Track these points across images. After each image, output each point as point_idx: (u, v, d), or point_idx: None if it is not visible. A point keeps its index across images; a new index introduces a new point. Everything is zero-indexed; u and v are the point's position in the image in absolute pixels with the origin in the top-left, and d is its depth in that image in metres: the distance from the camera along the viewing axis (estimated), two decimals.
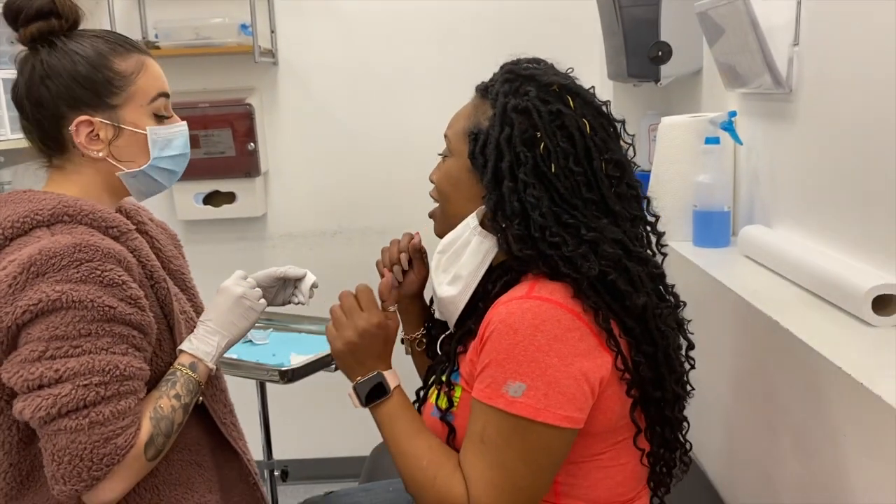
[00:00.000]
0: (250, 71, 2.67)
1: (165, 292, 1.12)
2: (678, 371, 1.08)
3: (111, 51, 1.11)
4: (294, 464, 2.34)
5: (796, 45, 1.42)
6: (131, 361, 1.03)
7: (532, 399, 0.95)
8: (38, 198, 1.07)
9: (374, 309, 1.11)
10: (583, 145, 1.03)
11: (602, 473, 1.05)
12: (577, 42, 2.58)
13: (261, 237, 2.84)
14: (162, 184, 1.17)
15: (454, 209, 1.11)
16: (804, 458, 1.18)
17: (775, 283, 1.40)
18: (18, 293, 0.98)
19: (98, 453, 0.98)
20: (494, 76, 1.13)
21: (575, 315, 0.98)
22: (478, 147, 1.06)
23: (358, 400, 1.10)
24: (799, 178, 1.46)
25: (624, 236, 1.04)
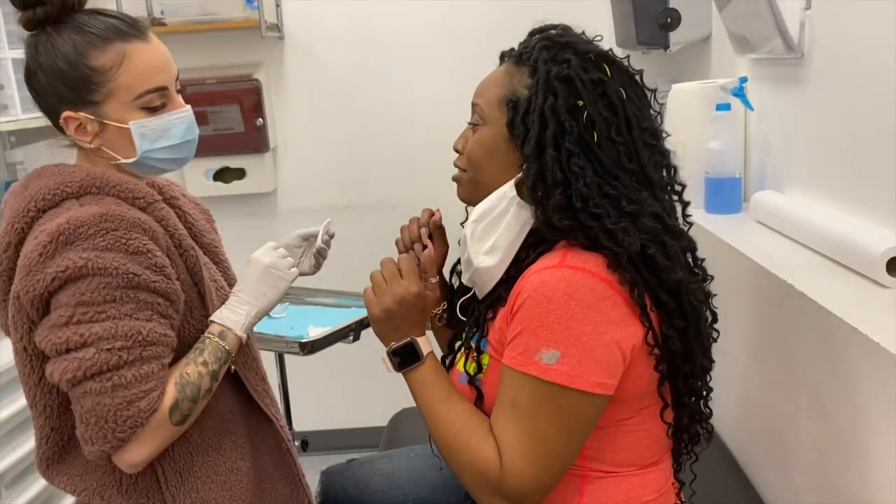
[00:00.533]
0: (256, 46, 2.67)
1: (195, 260, 1.14)
2: (705, 344, 1.10)
3: (88, 45, 1.07)
4: (313, 435, 2.38)
5: (808, 8, 1.42)
6: (154, 327, 1.05)
7: (566, 366, 0.97)
8: (67, 171, 1.09)
9: (414, 278, 1.13)
10: (623, 115, 1.03)
11: (628, 438, 1.07)
12: (585, 9, 2.54)
13: (271, 213, 2.85)
14: (165, 169, 1.17)
15: (487, 178, 1.10)
16: (820, 419, 1.20)
17: (788, 248, 1.42)
18: (48, 261, 1.01)
19: (122, 415, 1.01)
20: (526, 43, 1.11)
21: (607, 283, 0.99)
22: (518, 116, 1.05)
23: (392, 364, 1.12)
24: (811, 143, 1.47)
25: (661, 209, 1.05)
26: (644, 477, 1.09)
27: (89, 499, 1.13)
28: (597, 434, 1.04)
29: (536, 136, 1.03)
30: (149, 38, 1.11)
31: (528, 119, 1.04)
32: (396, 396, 2.28)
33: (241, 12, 2.55)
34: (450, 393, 1.09)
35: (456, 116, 2.68)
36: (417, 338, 1.12)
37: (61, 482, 1.15)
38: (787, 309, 1.28)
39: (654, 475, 1.11)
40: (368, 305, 1.13)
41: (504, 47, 1.18)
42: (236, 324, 1.15)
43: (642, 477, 1.09)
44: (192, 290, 1.15)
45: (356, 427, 2.93)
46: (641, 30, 2.02)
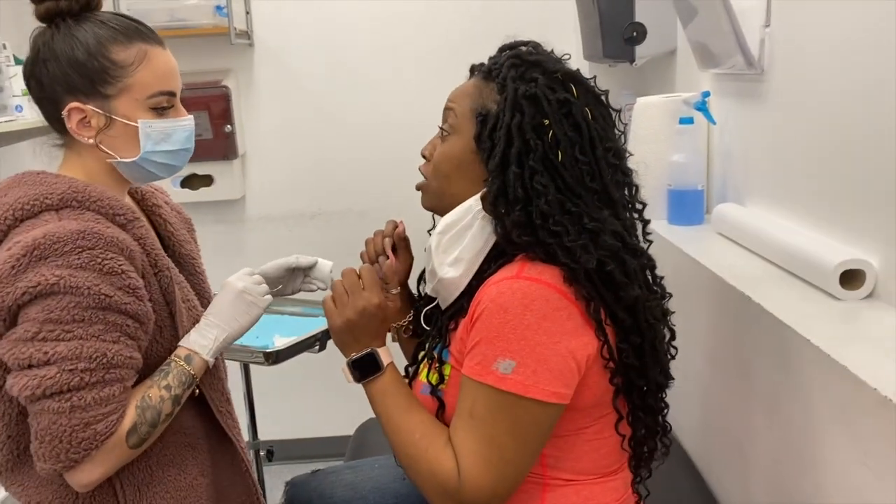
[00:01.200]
0: (226, 53, 2.66)
1: (168, 281, 1.13)
2: (662, 361, 1.12)
3: (112, 39, 1.08)
4: (278, 444, 2.37)
5: (768, 26, 1.45)
6: (121, 350, 1.04)
7: (521, 376, 0.98)
8: (49, 181, 1.08)
9: (376, 289, 1.13)
10: (588, 134, 1.05)
11: (588, 446, 1.09)
12: (553, 23, 2.59)
13: (239, 220, 2.84)
14: (157, 174, 1.16)
15: (453, 189, 1.12)
16: (775, 428, 1.23)
17: (748, 260, 1.45)
18: (20, 274, 0.99)
19: (77, 437, 1.00)
20: (496, 58, 1.13)
21: (562, 294, 1.00)
22: (486, 131, 1.07)
23: (352, 375, 1.13)
24: (770, 156, 1.50)
25: (622, 228, 1.07)
26: (604, 485, 1.11)
27: None
28: (556, 442, 1.06)
29: (501, 152, 1.04)
30: (165, 47, 1.13)
31: (494, 135, 1.06)
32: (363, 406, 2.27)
33: (211, 19, 2.53)
34: (409, 403, 1.10)
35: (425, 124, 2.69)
36: (378, 349, 1.12)
37: (15, 491, 1.13)
38: (744, 320, 1.30)
39: (614, 484, 1.12)
40: (329, 316, 1.13)
41: (474, 57, 1.19)
42: (203, 348, 1.14)
43: (602, 485, 1.11)
44: (164, 310, 1.14)
45: (322, 436, 2.92)
46: (608, 43, 2.05)
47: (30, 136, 2.34)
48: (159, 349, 1.14)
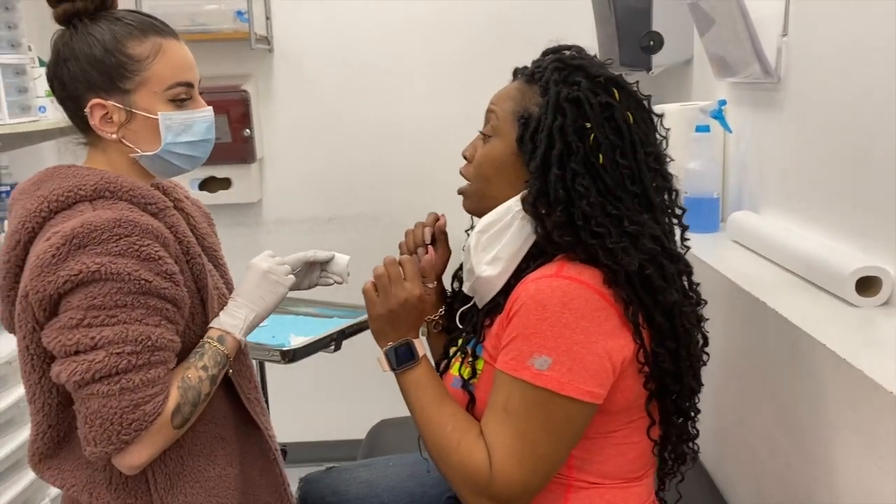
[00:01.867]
0: (246, 58, 2.68)
1: (200, 268, 1.15)
2: (695, 367, 1.12)
3: (127, 34, 1.11)
4: (291, 445, 2.37)
5: (785, 35, 1.46)
6: (163, 333, 1.06)
7: (557, 373, 0.99)
8: (81, 173, 1.10)
9: (417, 281, 1.15)
10: (629, 138, 1.06)
11: (614, 450, 1.09)
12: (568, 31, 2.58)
13: (256, 223, 2.86)
14: (181, 167, 1.18)
15: (494, 191, 1.13)
16: (790, 434, 1.23)
17: (763, 267, 1.45)
18: (61, 263, 1.01)
19: (127, 418, 1.02)
20: (539, 62, 1.14)
21: (601, 296, 1.01)
22: (528, 133, 1.08)
23: (388, 364, 1.14)
24: (786, 165, 1.51)
25: (661, 232, 1.07)
26: (627, 491, 1.11)
27: (78, 494, 1.13)
28: (584, 444, 1.06)
29: (543, 154, 1.05)
30: (180, 39, 1.15)
31: (536, 137, 1.07)
32: (375, 408, 2.30)
33: (231, 24, 2.57)
34: (442, 395, 1.11)
35: (440, 129, 2.75)
36: (413, 339, 1.14)
37: (51, 476, 1.15)
38: (760, 326, 1.31)
39: (637, 490, 1.12)
40: (369, 304, 1.15)
41: (489, 63, 1.21)
42: (234, 328, 1.16)
43: (626, 490, 1.11)
44: (196, 297, 1.16)
45: (333, 439, 2.92)
46: (625, 51, 2.06)
47: (52, 137, 2.38)
48: (191, 335, 1.16)
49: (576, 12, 2.58)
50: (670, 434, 1.13)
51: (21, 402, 1.92)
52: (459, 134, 1.20)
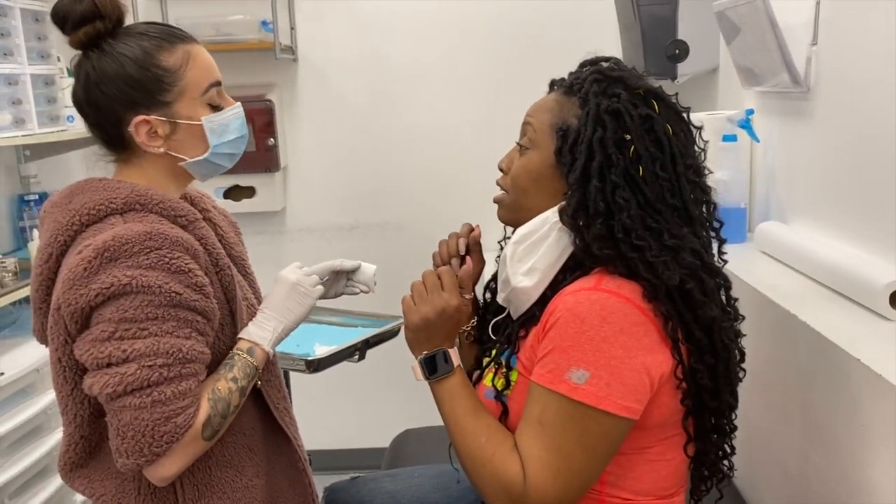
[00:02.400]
0: (270, 67, 2.70)
1: (230, 279, 1.16)
2: (733, 383, 1.11)
3: (157, 48, 1.11)
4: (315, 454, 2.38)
5: (814, 44, 1.45)
6: (194, 345, 1.07)
7: (594, 387, 0.98)
8: (112, 186, 1.11)
9: (455, 291, 1.14)
10: (669, 150, 1.06)
11: (648, 467, 1.08)
12: (593, 40, 2.59)
13: (280, 231, 2.88)
14: (223, 166, 1.20)
15: (530, 203, 1.13)
16: (822, 450, 1.21)
17: (792, 278, 1.43)
18: (93, 276, 1.02)
19: (159, 430, 1.03)
20: (578, 73, 1.13)
21: (640, 310, 1.01)
22: (567, 145, 1.08)
23: (423, 373, 1.14)
24: (816, 175, 1.49)
25: (700, 246, 1.07)
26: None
27: (106, 503, 1.14)
28: (618, 460, 1.05)
29: (582, 165, 1.05)
30: (199, 42, 1.17)
31: (575, 149, 1.06)
32: (399, 418, 2.30)
33: (257, 34, 2.59)
34: (476, 406, 1.10)
35: (462, 140, 2.75)
36: (448, 349, 1.14)
37: (81, 485, 1.16)
38: (790, 339, 1.29)
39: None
40: (407, 312, 1.15)
41: (512, 75, 1.21)
42: (263, 339, 1.16)
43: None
44: (225, 308, 1.16)
45: (356, 448, 2.93)
46: (650, 60, 2.05)
47: (80, 147, 2.41)
48: (221, 346, 1.16)
49: (600, 20, 2.57)
50: (707, 451, 1.11)
51: (48, 410, 1.94)
52: (484, 142, 1.21)
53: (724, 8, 1.63)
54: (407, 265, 1.18)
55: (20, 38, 2.03)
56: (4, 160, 2.34)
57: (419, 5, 2.72)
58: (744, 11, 1.54)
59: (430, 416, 1.36)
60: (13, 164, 2.37)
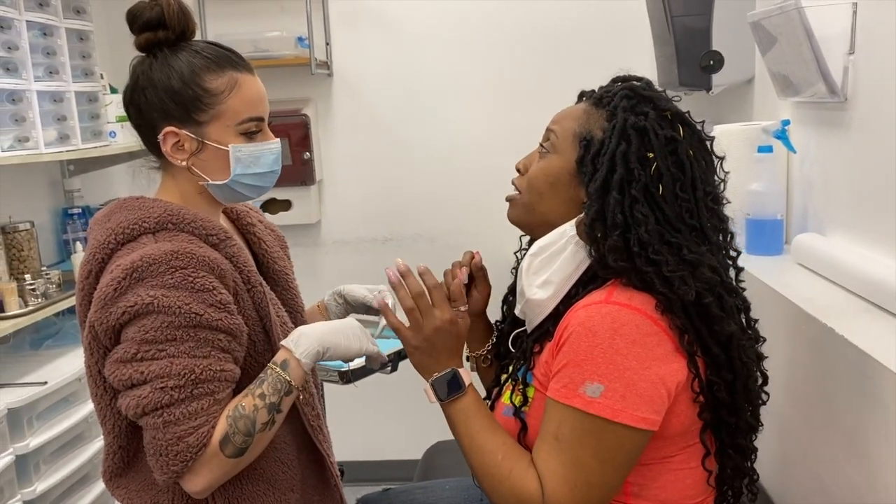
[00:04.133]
0: (306, 82, 2.75)
1: (262, 296, 1.18)
2: (754, 403, 1.11)
3: (205, 68, 1.13)
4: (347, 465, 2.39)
5: (851, 53, 1.43)
6: (210, 364, 1.08)
7: (610, 400, 0.98)
8: (146, 205, 1.14)
9: (445, 306, 1.15)
10: (690, 174, 1.07)
11: (672, 476, 1.08)
12: (626, 52, 2.60)
13: (315, 243, 2.91)
14: (247, 195, 1.21)
15: (543, 207, 1.14)
16: (860, 466, 1.18)
17: (830, 291, 1.41)
18: (121, 296, 1.06)
19: (172, 450, 1.05)
20: (609, 88, 1.15)
21: (652, 321, 1.01)
22: (589, 155, 1.09)
23: (435, 395, 1.14)
24: (854, 186, 1.47)
25: (718, 265, 1.07)
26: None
27: None
28: (641, 470, 1.05)
29: (603, 177, 1.06)
30: (254, 74, 1.18)
31: (597, 160, 1.08)
32: (431, 429, 2.29)
33: (293, 50, 2.63)
34: (491, 424, 1.10)
35: (495, 153, 2.76)
36: (458, 369, 1.13)
37: (120, 495, 1.20)
38: (827, 353, 1.27)
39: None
40: (404, 340, 1.15)
41: (546, 89, 1.23)
42: (298, 346, 1.13)
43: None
44: (258, 325, 1.17)
45: (388, 459, 2.93)
46: (684, 71, 2.04)
47: (121, 161, 2.47)
48: (253, 363, 1.17)
49: (634, 32, 2.57)
50: (727, 466, 1.10)
51: (90, 418, 1.98)
52: (516, 156, 1.21)
53: (759, 18, 1.62)
54: (439, 276, 1.19)
55: (65, 56, 2.10)
56: (50, 175, 2.41)
57: (451, 20, 2.74)
58: (779, 21, 1.52)
59: None
60: (58, 178, 2.44)
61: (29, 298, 1.91)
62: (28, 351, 2.08)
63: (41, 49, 2.01)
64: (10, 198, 2.16)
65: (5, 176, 1.99)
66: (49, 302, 1.95)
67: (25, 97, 1.94)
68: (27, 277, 1.94)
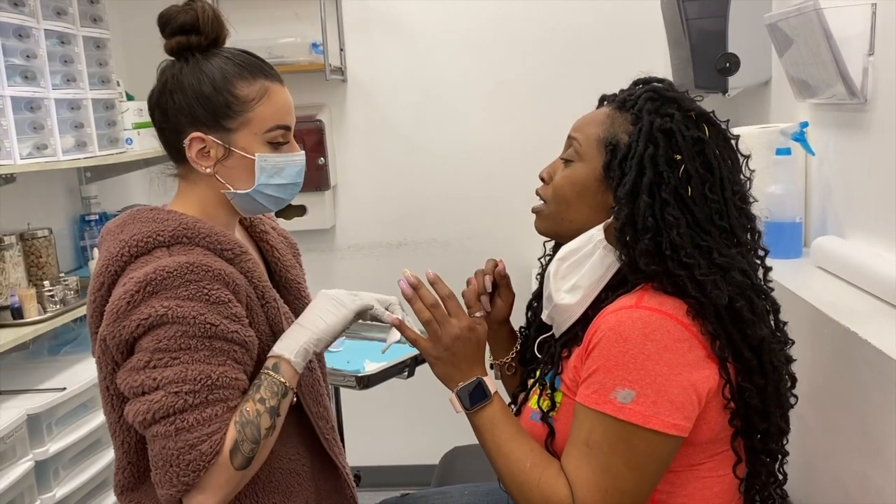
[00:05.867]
0: (321, 88, 2.76)
1: (276, 312, 1.16)
2: (784, 406, 1.10)
3: (237, 75, 1.13)
4: (364, 470, 2.39)
5: (871, 54, 1.41)
6: (226, 371, 1.07)
7: (641, 406, 0.98)
8: (161, 218, 1.12)
9: (461, 314, 1.14)
10: (718, 174, 1.07)
11: (700, 483, 1.07)
12: (642, 56, 2.59)
13: (330, 248, 2.92)
14: (266, 207, 1.19)
15: (572, 215, 1.13)
16: (885, 470, 1.17)
17: (851, 294, 1.39)
18: (134, 309, 1.04)
19: (184, 459, 1.03)
20: (631, 91, 1.14)
21: (684, 326, 1.01)
22: (616, 159, 1.08)
23: (460, 404, 1.13)
24: (875, 188, 1.45)
25: (749, 267, 1.06)
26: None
27: None
28: (669, 478, 1.04)
29: (632, 181, 1.05)
30: (284, 84, 1.18)
31: (625, 164, 1.07)
32: (448, 434, 2.29)
33: (307, 56, 2.65)
34: (519, 431, 1.10)
35: (511, 156, 2.75)
36: (482, 377, 1.12)
37: None
38: (850, 357, 1.25)
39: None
40: (423, 352, 1.15)
41: (561, 93, 1.23)
42: (285, 349, 1.13)
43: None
44: (270, 340, 1.16)
45: (407, 464, 2.93)
46: (699, 74, 2.03)
47: (138, 168, 2.49)
48: None
49: (649, 36, 2.56)
50: (758, 473, 1.09)
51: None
52: (531, 160, 1.21)
53: (776, 20, 1.61)
54: (454, 282, 1.18)
55: (82, 64, 2.11)
56: (67, 182, 2.42)
57: (465, 25, 2.74)
58: (796, 23, 1.51)
59: None
60: (75, 185, 2.46)
61: (47, 305, 1.93)
62: (47, 357, 2.09)
63: (59, 57, 2.03)
64: (29, 205, 2.18)
65: (24, 183, 2.01)
66: (67, 308, 1.97)
67: (44, 105, 1.96)
68: (46, 284, 1.96)
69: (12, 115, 1.84)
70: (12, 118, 1.84)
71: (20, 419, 1.71)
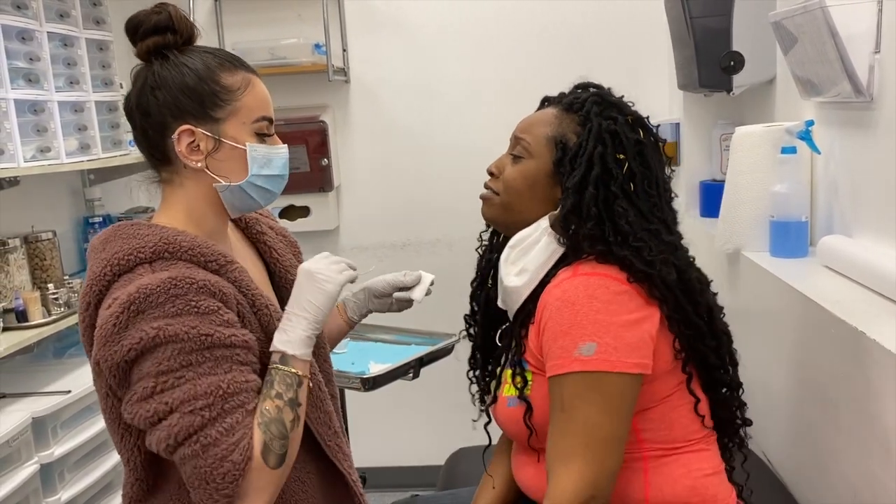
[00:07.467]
0: (323, 89, 2.76)
1: (269, 318, 1.14)
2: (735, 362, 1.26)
3: (219, 66, 1.13)
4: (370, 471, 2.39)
5: (877, 52, 1.40)
6: (235, 377, 1.06)
7: (605, 353, 1.08)
8: (142, 233, 1.10)
9: None
10: (654, 173, 1.21)
11: (675, 413, 1.18)
12: (645, 56, 2.58)
13: (333, 250, 2.90)
14: (257, 201, 1.18)
15: (522, 205, 1.25)
16: (893, 470, 1.16)
17: (858, 294, 1.39)
18: (122, 332, 1.03)
19: (218, 473, 1.02)
20: (577, 94, 1.26)
21: (619, 281, 1.12)
22: (567, 156, 1.20)
23: None
24: (882, 186, 1.44)
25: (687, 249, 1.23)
26: (700, 454, 1.20)
27: None
28: (646, 414, 1.16)
29: (581, 175, 1.18)
30: (259, 77, 1.19)
31: (575, 161, 1.19)
32: (454, 435, 2.29)
33: (310, 57, 2.64)
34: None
35: None
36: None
37: None
38: (857, 357, 1.25)
39: (708, 454, 1.22)
40: None
41: None
42: (287, 343, 1.12)
43: (698, 454, 1.20)
44: (267, 346, 1.14)
45: (413, 465, 2.93)
46: (704, 72, 2.02)
47: (141, 170, 2.47)
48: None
49: (652, 37, 2.55)
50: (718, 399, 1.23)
51: None
52: None
53: (780, 18, 1.60)
54: (459, 282, 1.21)
55: (85, 66, 2.12)
56: (70, 184, 2.42)
57: (468, 24, 2.74)
58: (801, 21, 1.50)
59: (483, 434, 1.35)
60: (79, 187, 2.46)
61: (52, 307, 1.93)
62: (51, 360, 2.09)
63: (62, 59, 2.03)
64: (33, 207, 2.17)
65: (27, 186, 2.01)
66: (72, 311, 1.97)
67: (47, 108, 1.96)
68: (50, 286, 1.96)
69: (16, 118, 1.84)
70: (16, 121, 1.84)
71: (25, 422, 1.71)
